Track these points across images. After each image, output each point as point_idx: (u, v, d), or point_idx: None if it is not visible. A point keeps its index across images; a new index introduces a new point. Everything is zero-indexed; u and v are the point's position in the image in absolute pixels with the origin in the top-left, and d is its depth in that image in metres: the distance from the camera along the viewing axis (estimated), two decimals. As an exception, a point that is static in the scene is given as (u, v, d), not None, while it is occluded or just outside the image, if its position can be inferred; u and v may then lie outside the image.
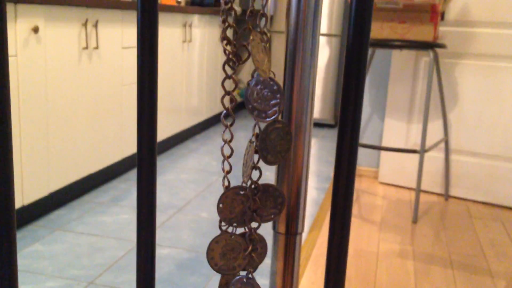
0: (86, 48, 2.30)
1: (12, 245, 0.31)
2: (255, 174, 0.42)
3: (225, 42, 0.40)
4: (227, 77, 0.42)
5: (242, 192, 0.42)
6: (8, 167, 0.30)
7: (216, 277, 1.80)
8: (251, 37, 0.39)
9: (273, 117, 0.40)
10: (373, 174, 3.03)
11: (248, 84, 0.40)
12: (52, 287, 1.66)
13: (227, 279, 0.45)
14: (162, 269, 1.83)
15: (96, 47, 2.37)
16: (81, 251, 1.92)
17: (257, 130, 0.42)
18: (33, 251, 1.90)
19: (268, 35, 0.40)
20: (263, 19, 0.41)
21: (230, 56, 0.41)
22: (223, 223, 0.44)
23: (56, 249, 1.92)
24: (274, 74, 0.41)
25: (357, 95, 0.38)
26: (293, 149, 0.48)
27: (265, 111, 0.40)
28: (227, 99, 3.85)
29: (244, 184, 0.42)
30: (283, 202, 0.45)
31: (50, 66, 2.08)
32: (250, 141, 0.41)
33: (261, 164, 0.43)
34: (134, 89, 2.78)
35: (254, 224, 0.44)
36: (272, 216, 0.44)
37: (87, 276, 1.74)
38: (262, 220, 0.44)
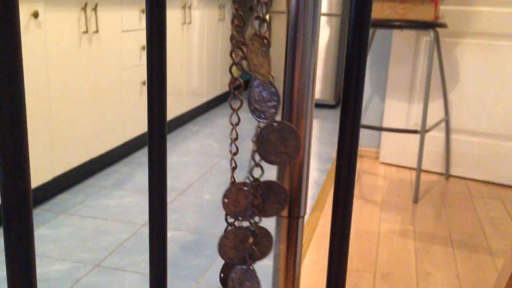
0: (86, 32, 2.29)
1: (29, 225, 0.32)
2: (257, 172, 0.44)
3: (235, 29, 0.41)
4: (235, 63, 0.43)
5: (245, 188, 0.44)
6: (24, 150, 0.31)
7: (219, 259, 1.82)
8: (250, 42, 0.40)
9: (269, 119, 0.41)
10: (374, 155, 3.04)
11: (251, 85, 0.41)
12: (59, 270, 1.69)
13: (232, 265, 0.47)
14: (166, 251, 1.86)
15: (96, 31, 2.36)
16: (86, 234, 1.95)
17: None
18: (39, 235, 1.93)
19: (268, 39, 0.41)
20: (264, 24, 0.42)
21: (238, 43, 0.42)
22: (228, 217, 0.45)
23: (62, 233, 1.95)
24: (273, 78, 0.42)
25: (358, 76, 0.39)
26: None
27: (265, 112, 0.42)
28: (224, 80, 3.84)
29: (247, 180, 0.44)
30: (286, 198, 0.46)
31: (50, 51, 2.08)
32: (253, 141, 0.43)
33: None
34: (135, 73, 2.78)
35: (257, 219, 0.46)
36: (276, 211, 0.46)
37: (93, 259, 1.77)
38: (265, 215, 0.45)
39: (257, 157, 0.44)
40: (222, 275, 0.47)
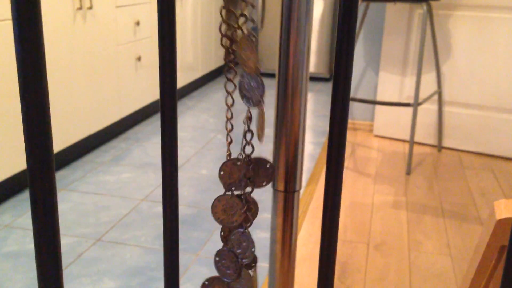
0: (80, 8, 2.29)
1: (52, 185, 0.35)
2: (249, 149, 0.50)
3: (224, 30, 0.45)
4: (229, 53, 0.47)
5: (238, 163, 0.50)
6: (46, 112, 0.34)
7: (217, 232, 1.87)
8: (238, 39, 0.45)
9: (256, 105, 0.48)
10: (368, 128, 3.08)
11: (242, 75, 0.46)
12: (61, 244, 1.74)
13: (230, 230, 0.53)
14: (165, 225, 1.91)
15: (90, 7, 2.36)
16: (87, 210, 1.99)
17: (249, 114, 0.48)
18: (40, 211, 1.96)
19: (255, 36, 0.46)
20: (251, 23, 0.45)
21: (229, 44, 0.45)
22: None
23: (62, 208, 1.99)
24: (259, 70, 0.47)
25: (348, 45, 0.41)
26: (290, 107, 0.52)
27: (253, 99, 0.47)
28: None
29: (240, 156, 0.50)
30: (273, 172, 0.51)
31: (45, 28, 2.08)
32: (244, 122, 0.48)
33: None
34: (129, 48, 2.78)
35: (249, 189, 0.52)
36: (264, 183, 0.51)
37: (94, 234, 1.82)
38: (255, 186, 0.51)
39: (248, 136, 0.49)
40: (222, 233, 0.53)
